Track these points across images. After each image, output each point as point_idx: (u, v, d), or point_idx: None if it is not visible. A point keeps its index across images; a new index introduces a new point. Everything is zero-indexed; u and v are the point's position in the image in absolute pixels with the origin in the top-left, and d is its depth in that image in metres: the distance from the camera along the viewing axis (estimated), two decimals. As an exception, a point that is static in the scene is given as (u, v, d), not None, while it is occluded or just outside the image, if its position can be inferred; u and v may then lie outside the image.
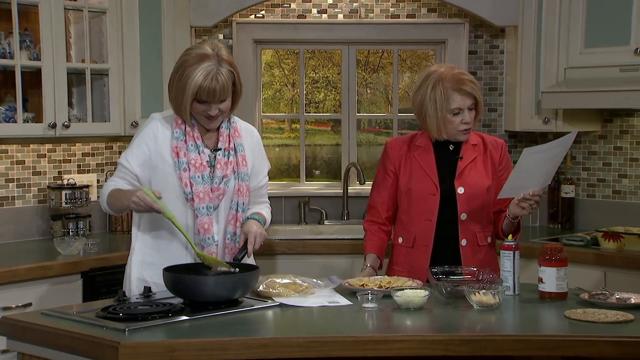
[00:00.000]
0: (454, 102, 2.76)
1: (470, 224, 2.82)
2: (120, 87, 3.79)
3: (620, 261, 3.47)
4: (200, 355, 2.06)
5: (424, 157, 2.85)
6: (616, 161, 4.12)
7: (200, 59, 2.52)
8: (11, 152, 3.76)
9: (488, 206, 2.86)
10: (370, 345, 2.13)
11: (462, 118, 2.78)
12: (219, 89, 2.52)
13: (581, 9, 3.83)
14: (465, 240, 2.82)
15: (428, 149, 2.86)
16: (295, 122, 4.63)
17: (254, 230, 2.62)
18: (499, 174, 2.88)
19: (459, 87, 2.75)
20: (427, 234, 2.82)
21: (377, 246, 2.90)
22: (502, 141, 2.95)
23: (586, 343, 2.14)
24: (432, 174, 2.83)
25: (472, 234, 2.82)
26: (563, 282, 2.51)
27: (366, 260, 2.90)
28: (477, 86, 2.80)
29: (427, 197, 2.82)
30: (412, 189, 2.84)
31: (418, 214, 2.83)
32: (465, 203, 2.81)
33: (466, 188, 2.81)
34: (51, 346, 2.19)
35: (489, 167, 2.87)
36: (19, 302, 3.10)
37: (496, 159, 2.89)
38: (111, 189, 2.60)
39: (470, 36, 4.34)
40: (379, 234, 2.92)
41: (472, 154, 2.86)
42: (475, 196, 2.81)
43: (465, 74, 2.81)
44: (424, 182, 2.83)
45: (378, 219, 2.92)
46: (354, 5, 4.33)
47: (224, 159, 2.65)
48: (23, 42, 3.54)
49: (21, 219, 3.77)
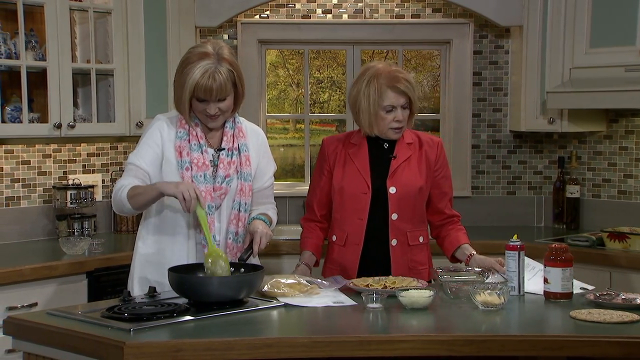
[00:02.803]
0: (387, 99, 2.76)
1: (401, 224, 2.81)
2: (125, 88, 3.80)
3: (626, 261, 3.47)
4: (205, 355, 2.06)
5: (358, 156, 2.84)
6: (621, 161, 4.11)
7: (201, 57, 2.53)
8: (17, 152, 3.77)
9: (420, 206, 2.86)
10: (375, 345, 2.13)
11: (394, 116, 2.77)
12: (216, 87, 2.52)
13: (586, 9, 3.82)
14: (395, 240, 2.81)
15: (363, 147, 2.85)
16: (300, 122, 4.63)
17: (260, 230, 2.63)
18: (435, 173, 2.87)
19: (392, 85, 2.75)
20: (357, 233, 2.81)
21: (312, 244, 2.89)
22: (439, 139, 2.95)
23: (591, 343, 2.14)
24: (365, 173, 2.82)
25: (402, 233, 2.81)
26: (568, 282, 2.51)
27: (301, 257, 2.88)
28: (412, 85, 2.79)
29: (359, 196, 2.81)
30: (344, 187, 2.83)
31: (350, 212, 2.83)
32: (396, 203, 2.80)
33: (398, 188, 2.80)
34: (56, 346, 2.20)
35: (424, 167, 2.85)
36: (25, 302, 3.11)
37: (432, 159, 2.87)
38: (131, 186, 2.56)
39: (475, 36, 4.33)
40: (314, 231, 2.90)
41: (407, 152, 2.84)
42: (407, 196, 2.80)
43: (401, 72, 2.81)
44: (356, 181, 2.82)
45: (314, 216, 2.91)
46: (358, 5, 4.33)
47: (227, 158, 2.65)
48: (28, 42, 3.54)
49: (26, 219, 3.78)
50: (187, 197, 2.43)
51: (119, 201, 2.57)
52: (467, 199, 4.31)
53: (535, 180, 4.38)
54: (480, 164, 4.39)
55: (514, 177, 4.39)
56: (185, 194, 2.43)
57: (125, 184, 2.58)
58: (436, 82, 4.54)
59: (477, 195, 4.36)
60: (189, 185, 2.47)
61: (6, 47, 3.50)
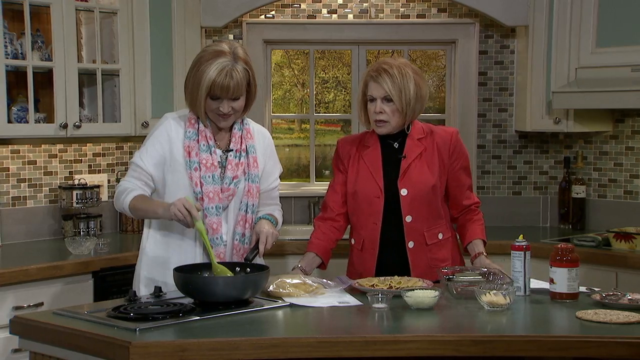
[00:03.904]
0: (369, 89, 2.75)
1: (417, 225, 2.76)
2: (130, 88, 3.81)
3: (632, 262, 3.46)
4: (211, 355, 2.06)
5: (371, 158, 2.80)
6: (628, 161, 4.10)
7: (217, 55, 2.53)
8: (23, 152, 3.78)
9: (436, 203, 2.79)
10: (381, 345, 2.13)
11: (374, 107, 2.74)
12: (233, 85, 2.53)
13: (592, 8, 3.81)
14: (412, 242, 2.76)
15: (375, 148, 2.81)
16: (305, 122, 4.63)
17: (266, 230, 2.63)
18: (451, 166, 2.80)
19: (372, 76, 2.74)
20: (373, 238, 2.77)
21: (318, 245, 2.82)
22: (454, 130, 2.85)
23: (598, 344, 2.13)
24: (378, 176, 2.77)
25: (419, 234, 2.77)
26: (574, 282, 2.50)
27: (301, 260, 2.81)
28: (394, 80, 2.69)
29: (372, 200, 2.77)
30: (357, 191, 2.79)
31: (365, 217, 2.79)
32: (409, 205, 2.75)
33: (409, 189, 2.75)
34: (63, 346, 2.20)
35: (436, 163, 2.78)
36: (31, 302, 3.12)
37: (445, 152, 2.79)
38: (136, 194, 2.57)
39: (480, 36, 4.33)
40: (327, 232, 2.83)
41: (417, 149, 2.78)
42: (419, 196, 2.75)
43: (390, 65, 2.72)
44: (369, 185, 2.78)
45: (330, 214, 2.84)
46: (364, 5, 4.33)
47: (235, 160, 2.65)
48: (35, 42, 3.55)
49: (33, 219, 3.79)
50: (180, 217, 2.45)
51: (121, 205, 2.61)
52: (473, 199, 4.31)
53: (541, 181, 4.37)
54: (485, 164, 4.38)
55: (520, 177, 4.38)
56: (177, 214, 2.45)
57: (129, 187, 2.60)
58: (441, 82, 4.54)
59: (483, 195, 4.35)
60: (179, 203, 2.45)
61: (12, 48, 3.50)
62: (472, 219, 2.87)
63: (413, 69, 2.77)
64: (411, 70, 2.75)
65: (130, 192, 2.58)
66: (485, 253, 2.81)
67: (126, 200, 2.58)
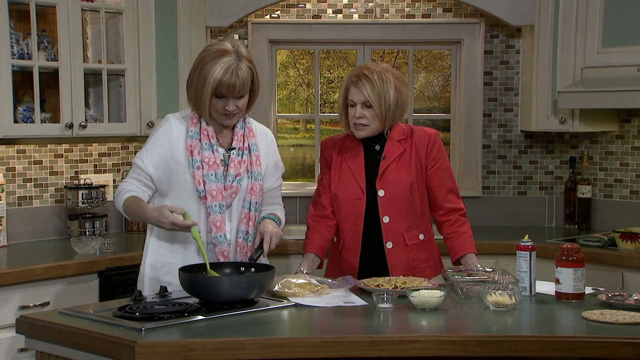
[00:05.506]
0: (350, 94, 2.76)
1: (395, 225, 2.76)
2: (136, 88, 3.81)
3: (638, 262, 3.45)
4: (216, 355, 2.07)
5: (353, 160, 2.81)
6: (634, 161, 4.09)
7: (220, 54, 2.53)
8: (29, 152, 3.79)
9: (415, 203, 2.79)
10: (386, 345, 2.13)
11: (354, 112, 2.74)
12: (239, 83, 2.53)
13: (598, 8, 3.80)
14: (390, 242, 2.77)
15: (358, 150, 2.82)
16: (310, 122, 4.64)
17: (270, 230, 2.63)
18: (427, 166, 2.79)
19: (353, 81, 2.74)
20: (354, 239, 2.78)
21: (316, 245, 2.82)
22: (433, 131, 2.85)
23: (604, 344, 2.13)
24: (360, 178, 2.78)
25: (398, 235, 2.77)
26: (580, 282, 2.49)
27: (302, 262, 2.82)
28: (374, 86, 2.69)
29: (354, 202, 2.78)
30: (338, 194, 2.80)
31: (346, 218, 2.80)
32: (386, 205, 2.75)
33: (386, 190, 2.76)
34: (69, 345, 2.21)
35: (414, 163, 2.78)
36: (37, 301, 3.13)
37: (422, 153, 2.79)
38: (129, 195, 2.59)
39: (486, 36, 4.32)
40: (322, 231, 2.83)
41: (397, 150, 2.78)
42: (396, 197, 2.76)
43: (371, 71, 2.72)
44: (350, 187, 2.78)
45: (324, 212, 2.84)
46: (369, 5, 4.33)
47: (238, 157, 2.65)
48: (41, 43, 3.56)
49: (38, 219, 3.79)
50: (167, 228, 2.50)
51: (118, 205, 2.65)
52: (478, 199, 4.30)
53: (547, 181, 4.37)
54: (491, 164, 4.38)
55: (525, 177, 4.38)
56: (164, 226, 2.50)
57: (125, 189, 2.62)
58: (447, 82, 4.54)
59: (488, 196, 4.35)
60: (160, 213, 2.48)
61: (19, 48, 3.51)
62: (460, 231, 2.82)
63: (394, 74, 2.77)
64: (392, 75, 2.75)
65: (125, 193, 2.61)
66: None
67: (120, 202, 2.62)
